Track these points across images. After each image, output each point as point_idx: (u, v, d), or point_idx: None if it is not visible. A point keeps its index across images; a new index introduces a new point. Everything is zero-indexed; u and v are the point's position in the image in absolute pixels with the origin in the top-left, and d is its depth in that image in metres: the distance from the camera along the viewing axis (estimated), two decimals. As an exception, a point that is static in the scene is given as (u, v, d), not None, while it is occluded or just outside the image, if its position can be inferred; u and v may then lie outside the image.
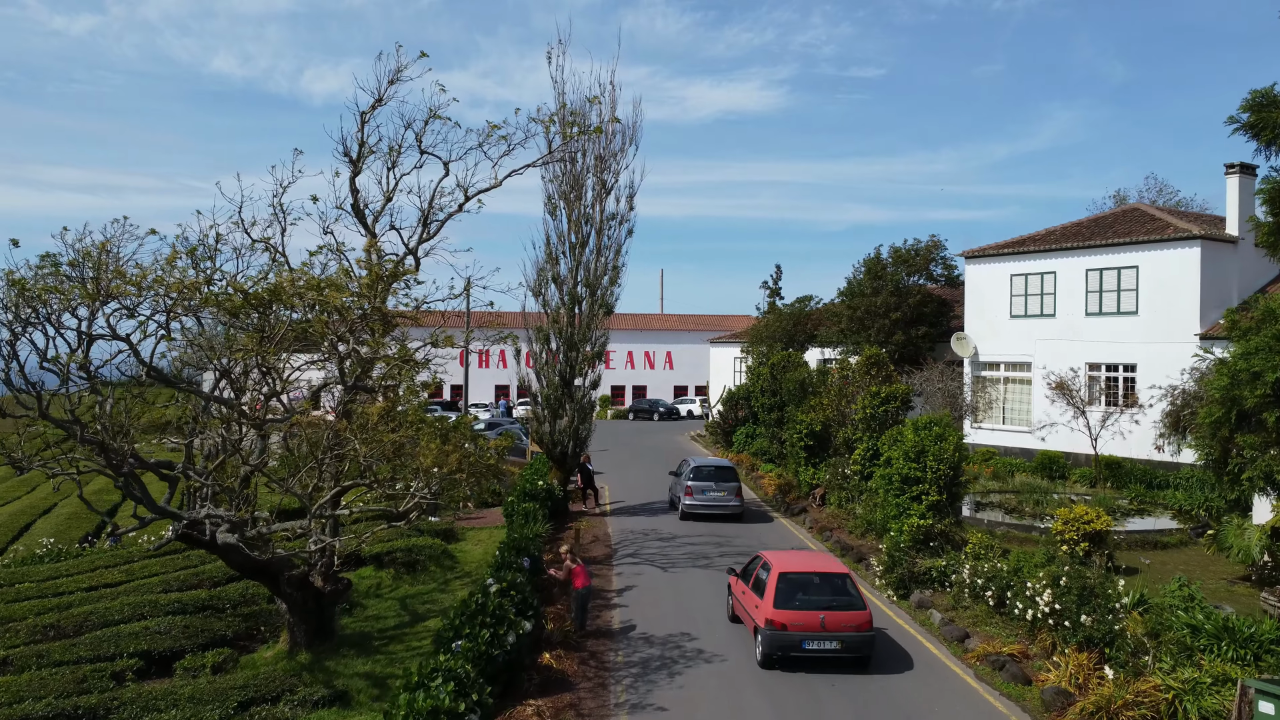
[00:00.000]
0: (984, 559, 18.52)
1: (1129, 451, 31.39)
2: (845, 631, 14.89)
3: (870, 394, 25.78)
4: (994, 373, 38.37)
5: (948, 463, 20.25)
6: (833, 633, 14.85)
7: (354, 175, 19.60)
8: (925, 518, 20.02)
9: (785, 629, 14.90)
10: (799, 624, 14.89)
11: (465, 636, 12.99)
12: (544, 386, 29.43)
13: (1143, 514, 26.29)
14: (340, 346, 13.87)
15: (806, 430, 30.36)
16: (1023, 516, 25.45)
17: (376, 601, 22.73)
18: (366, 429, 12.71)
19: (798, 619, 14.91)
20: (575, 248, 29.18)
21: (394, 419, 13.63)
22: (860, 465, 25.71)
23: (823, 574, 15.82)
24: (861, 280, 41.56)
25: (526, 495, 26.08)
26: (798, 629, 14.89)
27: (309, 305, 12.96)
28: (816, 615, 14.90)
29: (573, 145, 28.32)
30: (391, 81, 19.45)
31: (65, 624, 19.59)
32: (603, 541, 25.47)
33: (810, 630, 14.86)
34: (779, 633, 14.93)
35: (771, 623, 14.98)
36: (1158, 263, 33.09)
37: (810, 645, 14.89)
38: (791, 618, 14.93)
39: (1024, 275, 37.55)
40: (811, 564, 16.45)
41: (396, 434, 13.00)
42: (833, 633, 14.85)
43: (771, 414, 37.66)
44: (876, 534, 24.15)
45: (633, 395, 76.90)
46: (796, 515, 28.91)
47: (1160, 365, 31.50)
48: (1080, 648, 14.26)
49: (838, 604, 15.16)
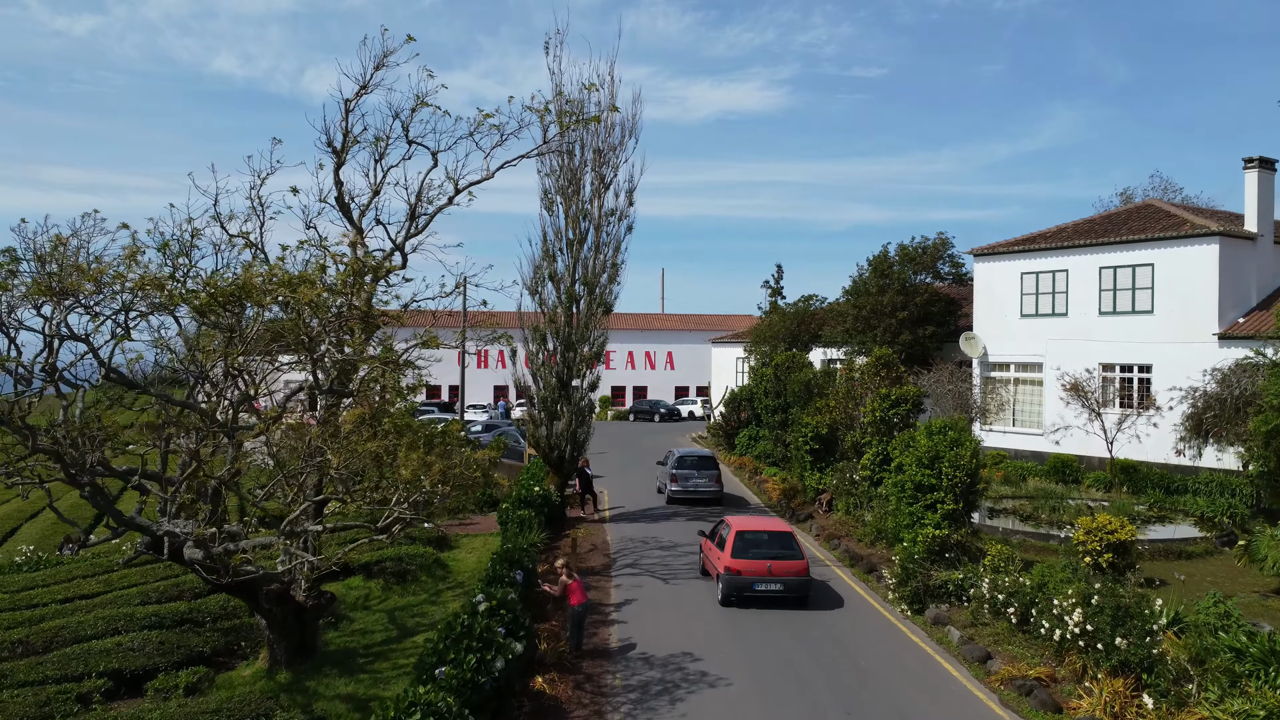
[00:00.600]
0: (1004, 572, 17.50)
1: (1145, 455, 30.37)
2: (787, 576, 18.68)
3: (880, 396, 24.72)
4: (1004, 373, 37.34)
5: (964, 470, 19.21)
6: (777, 577, 18.64)
7: (338, 167, 18.58)
8: (940, 528, 18.99)
9: (740, 574, 18.72)
10: (751, 570, 18.69)
11: (449, 662, 11.96)
12: (540, 388, 28.36)
13: (1164, 521, 25.25)
14: (321, 346, 12.85)
15: (812, 433, 29.34)
16: (1039, 524, 24.41)
17: (364, 614, 21.71)
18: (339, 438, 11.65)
19: (750, 566, 18.71)
20: (573, 244, 28.12)
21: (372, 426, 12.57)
22: (870, 471, 24.68)
23: (771, 532, 19.61)
24: (868, 279, 40.49)
25: (522, 502, 25.07)
26: (750, 574, 18.67)
27: (281, 303, 11.95)
28: (765, 564, 18.73)
29: (570, 137, 27.29)
30: (378, 67, 18.44)
31: (34, 640, 18.55)
32: (601, 550, 24.43)
33: (759, 575, 18.69)
34: (735, 577, 18.76)
35: (729, 569, 18.78)
36: (1174, 260, 32.04)
37: (759, 587, 18.72)
38: (745, 565, 18.72)
39: (1035, 273, 36.51)
40: (763, 525, 20.36)
41: (374, 443, 11.95)
42: (777, 577, 18.64)
43: (775, 416, 36.63)
44: (887, 543, 23.13)
45: (633, 396, 75.87)
46: (802, 522, 27.86)
47: (1177, 366, 30.49)
48: (1114, 672, 13.21)
49: (782, 555, 18.88)
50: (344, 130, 18.55)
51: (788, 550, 19.02)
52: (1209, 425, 25.07)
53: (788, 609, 18.60)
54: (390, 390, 14.92)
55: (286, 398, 13.35)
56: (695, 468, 30.35)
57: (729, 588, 18.82)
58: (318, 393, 13.56)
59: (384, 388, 14.55)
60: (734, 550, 18.88)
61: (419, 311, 20.81)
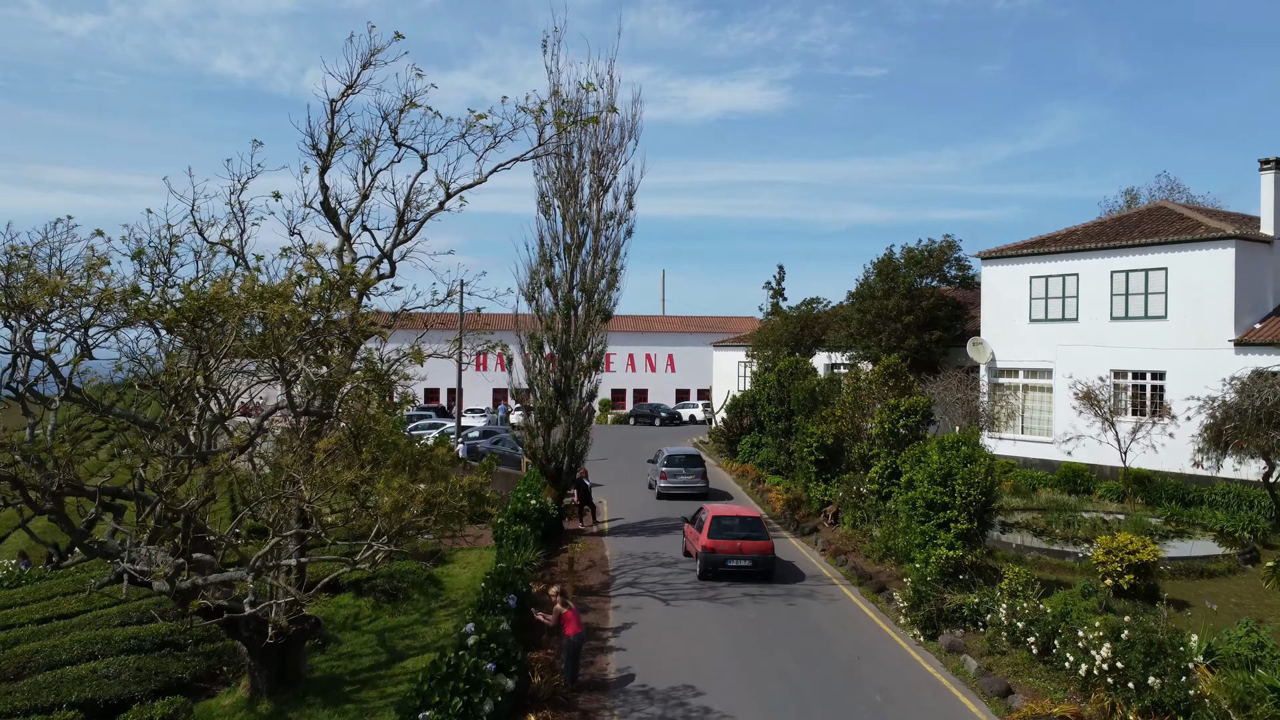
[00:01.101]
0: (1021, 596, 16.64)
1: (1159, 464, 29.53)
2: (755, 554, 21.55)
3: (889, 407, 23.84)
4: (1012, 379, 36.47)
5: (979, 487, 18.33)
6: (746, 554, 21.55)
7: (323, 171, 17.72)
8: (954, 548, 18.12)
9: (715, 552, 21.60)
10: (724, 549, 21.59)
11: (434, 706, 11.11)
12: (537, 397, 27.48)
13: (1182, 536, 24.37)
14: (298, 364, 11.96)
15: (818, 443, 28.48)
16: (1053, 539, 23.54)
17: (353, 635, 20.86)
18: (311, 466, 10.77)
19: (724, 545, 21.61)
20: (571, 249, 27.23)
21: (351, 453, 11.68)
22: (878, 484, 23.82)
23: (742, 517, 22.27)
24: (873, 282, 39.60)
25: (518, 516, 24.24)
26: (723, 552, 21.59)
27: (253, 318, 11.09)
28: (736, 543, 21.59)
29: (568, 139, 26.42)
30: (365, 66, 17.58)
31: (6, 666, 17.73)
32: (599, 567, 23.57)
33: (731, 553, 21.57)
34: (711, 554, 21.64)
35: (706, 548, 21.71)
36: (1189, 264, 31.16)
37: (731, 563, 21.58)
38: (719, 544, 21.62)
39: (1044, 277, 35.62)
40: (735, 511, 22.76)
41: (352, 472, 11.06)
42: (746, 554, 21.55)
43: (779, 424, 35.77)
44: (897, 560, 22.28)
45: (633, 399, 75.02)
46: (807, 535, 27.03)
47: (1191, 373, 29.64)
48: (1146, 714, 12.37)
49: (751, 537, 21.75)
50: (329, 132, 17.70)
51: (756, 533, 21.95)
52: (1229, 436, 24.20)
53: (753, 582, 21.65)
54: (375, 408, 14.04)
55: (260, 420, 12.48)
56: (683, 465, 32.90)
57: (706, 564, 21.77)
58: (293, 414, 12.70)
59: (366, 405, 13.67)
60: (710, 532, 21.80)
61: (412, 315, 19.97)
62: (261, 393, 15.22)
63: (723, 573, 21.60)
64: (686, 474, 32.48)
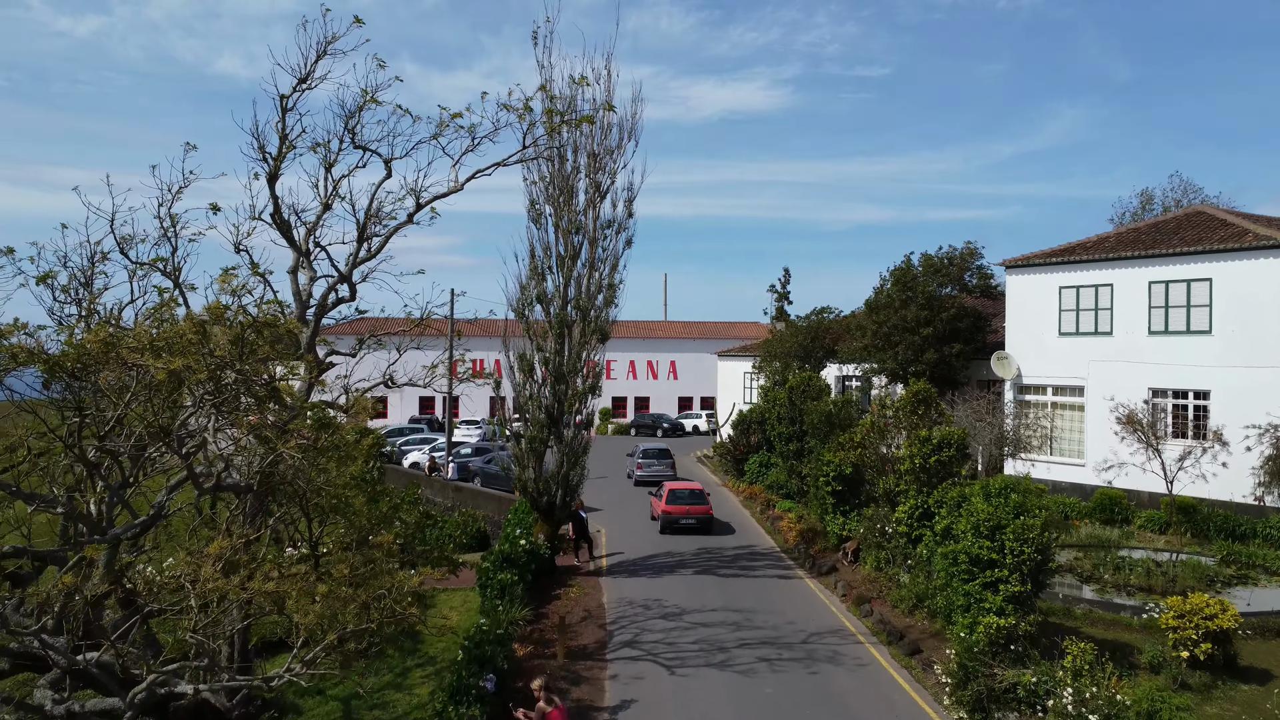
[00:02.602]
0: (1088, 677, 14.18)
1: (1205, 492, 27.05)
2: (698, 515, 29.83)
3: (919, 439, 21.34)
4: (1039, 396, 33.96)
5: (1034, 544, 15.85)
6: (693, 515, 29.74)
7: (272, 178, 15.25)
8: (1005, 614, 15.64)
9: (671, 514, 29.79)
10: (677, 511, 29.74)
11: None
12: (527, 425, 24.94)
13: (1245, 581, 21.89)
14: (203, 426, 9.54)
15: (835, 473, 26.01)
16: (1103, 587, 21.06)
17: (317, 703, 18.42)
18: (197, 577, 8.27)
19: (676, 509, 29.81)
20: (564, 261, 24.66)
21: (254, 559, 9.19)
22: (907, 527, 21.34)
23: (690, 490, 30.91)
24: (889, 290, 37.04)
25: (504, 561, 21.77)
26: (676, 514, 29.73)
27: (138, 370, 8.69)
28: (685, 508, 29.80)
29: (561, 140, 23.92)
30: (321, 55, 15.13)
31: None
32: (595, 619, 21.08)
33: (682, 515, 29.68)
34: (668, 515, 29.81)
35: (665, 512, 29.90)
36: (1235, 274, 28.66)
37: (682, 521, 29.67)
38: (674, 509, 29.83)
39: (1075, 288, 33.10)
40: (685, 486, 31.52)
41: (262, 582, 8.54)
42: (693, 515, 29.74)
43: (790, 444, 33.32)
44: (930, 613, 19.83)
45: (635, 407, 72.56)
46: (825, 575, 24.55)
47: (1239, 392, 27.19)
48: None
49: (696, 502, 30.15)
50: (280, 133, 15.23)
51: (700, 501, 30.31)
52: (1296, 470, 21.75)
53: (695, 535, 29.55)
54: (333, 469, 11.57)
55: (164, 495, 10.08)
56: (655, 458, 40.07)
57: (665, 522, 29.92)
58: (198, 491, 10.25)
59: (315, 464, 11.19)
60: (667, 500, 30.31)
61: (381, 341, 17.55)
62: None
63: (677, 529, 29.66)
64: (658, 465, 39.67)
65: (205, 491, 10.19)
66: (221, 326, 9.10)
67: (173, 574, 9.52)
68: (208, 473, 10.10)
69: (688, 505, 29.66)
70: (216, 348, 8.88)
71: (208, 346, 8.80)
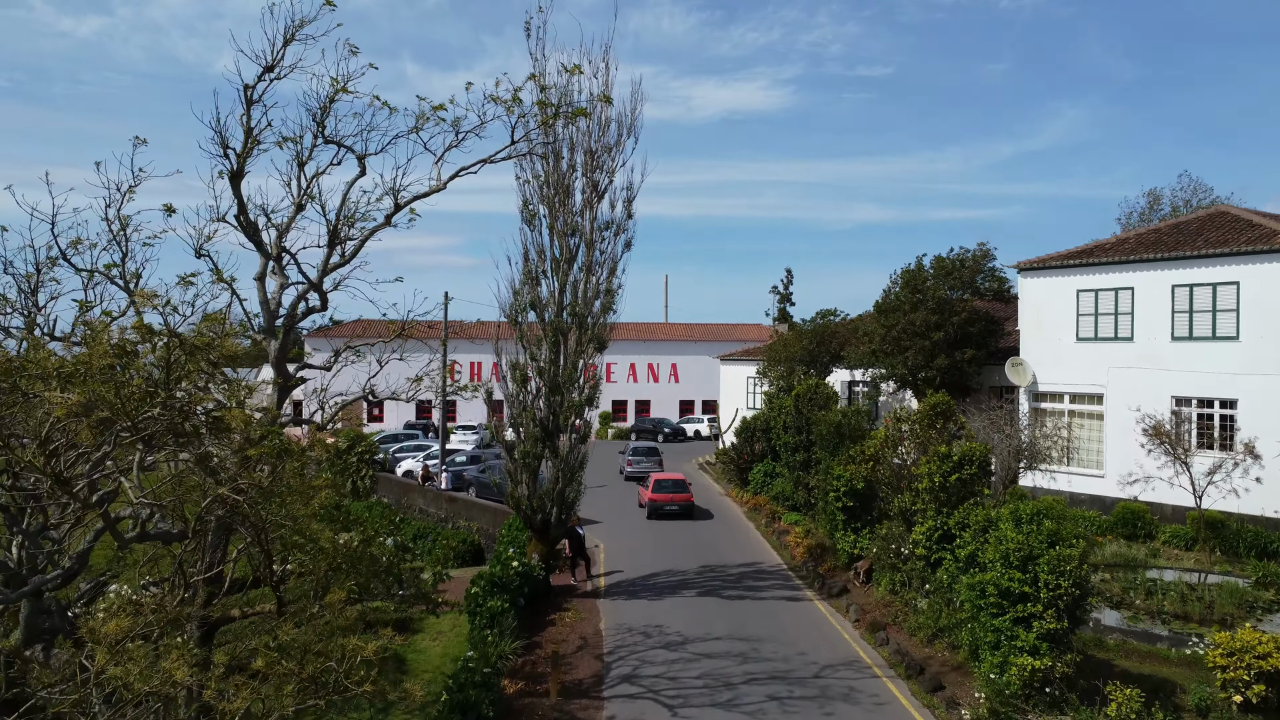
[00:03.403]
0: (1135, 727, 12.84)
1: (1233, 506, 25.71)
2: (680, 502, 33.42)
3: (939, 456, 19.97)
4: (1056, 404, 32.59)
5: (1071, 577, 14.49)
6: (676, 502, 33.34)
7: (235, 175, 13.90)
8: (1040, 654, 14.28)
9: (656, 501, 33.40)
10: (661, 499, 33.35)
11: None
12: (520, 439, 23.55)
13: (1286, 607, 20.51)
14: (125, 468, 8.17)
15: (846, 488, 24.65)
16: (1136, 615, 19.72)
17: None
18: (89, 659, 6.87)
19: (661, 497, 33.41)
20: (559, 264, 23.29)
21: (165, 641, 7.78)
22: (925, 549, 19.98)
23: (672, 480, 34.54)
24: (899, 293, 35.63)
25: (495, 585, 20.40)
26: (661, 501, 33.33)
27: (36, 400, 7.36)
28: (669, 496, 33.41)
29: (556, 137, 22.55)
30: (288, 40, 13.77)
31: None
32: (592, 648, 19.72)
33: (666, 501, 33.29)
34: (654, 503, 33.39)
35: (651, 499, 33.55)
36: (1264, 278, 27.31)
37: (667, 508, 33.22)
38: (658, 496, 33.46)
39: (1093, 291, 31.72)
40: (668, 476, 35.04)
41: (181, 668, 7.11)
42: (676, 502, 33.34)
43: (797, 455, 32.00)
44: (950, 645, 18.48)
45: (635, 410, 71.22)
46: (836, 597, 23.18)
47: (1270, 401, 25.89)
48: None
49: (679, 491, 33.76)
50: (245, 127, 13.88)
51: (681, 490, 33.72)
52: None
53: (678, 520, 32.72)
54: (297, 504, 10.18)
55: (84, 548, 8.75)
56: (644, 455, 43.99)
57: (651, 509, 33.27)
58: (118, 543, 8.90)
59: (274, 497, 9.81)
60: (653, 489, 33.66)
61: (360, 352, 16.22)
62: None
63: (662, 514, 33.03)
64: (647, 461, 43.07)
65: (126, 544, 8.81)
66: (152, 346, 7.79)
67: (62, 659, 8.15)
68: (135, 517, 8.79)
69: (670, 494, 33.26)
70: (136, 374, 7.55)
71: (127, 375, 7.47)
